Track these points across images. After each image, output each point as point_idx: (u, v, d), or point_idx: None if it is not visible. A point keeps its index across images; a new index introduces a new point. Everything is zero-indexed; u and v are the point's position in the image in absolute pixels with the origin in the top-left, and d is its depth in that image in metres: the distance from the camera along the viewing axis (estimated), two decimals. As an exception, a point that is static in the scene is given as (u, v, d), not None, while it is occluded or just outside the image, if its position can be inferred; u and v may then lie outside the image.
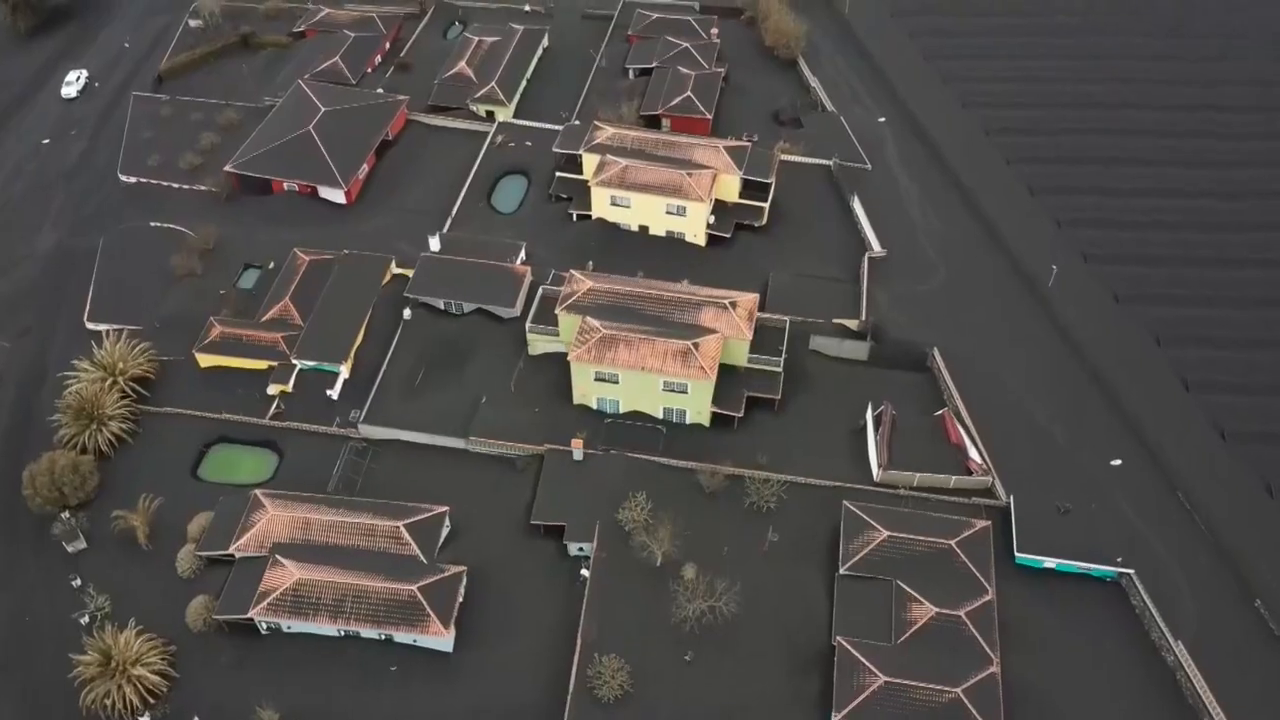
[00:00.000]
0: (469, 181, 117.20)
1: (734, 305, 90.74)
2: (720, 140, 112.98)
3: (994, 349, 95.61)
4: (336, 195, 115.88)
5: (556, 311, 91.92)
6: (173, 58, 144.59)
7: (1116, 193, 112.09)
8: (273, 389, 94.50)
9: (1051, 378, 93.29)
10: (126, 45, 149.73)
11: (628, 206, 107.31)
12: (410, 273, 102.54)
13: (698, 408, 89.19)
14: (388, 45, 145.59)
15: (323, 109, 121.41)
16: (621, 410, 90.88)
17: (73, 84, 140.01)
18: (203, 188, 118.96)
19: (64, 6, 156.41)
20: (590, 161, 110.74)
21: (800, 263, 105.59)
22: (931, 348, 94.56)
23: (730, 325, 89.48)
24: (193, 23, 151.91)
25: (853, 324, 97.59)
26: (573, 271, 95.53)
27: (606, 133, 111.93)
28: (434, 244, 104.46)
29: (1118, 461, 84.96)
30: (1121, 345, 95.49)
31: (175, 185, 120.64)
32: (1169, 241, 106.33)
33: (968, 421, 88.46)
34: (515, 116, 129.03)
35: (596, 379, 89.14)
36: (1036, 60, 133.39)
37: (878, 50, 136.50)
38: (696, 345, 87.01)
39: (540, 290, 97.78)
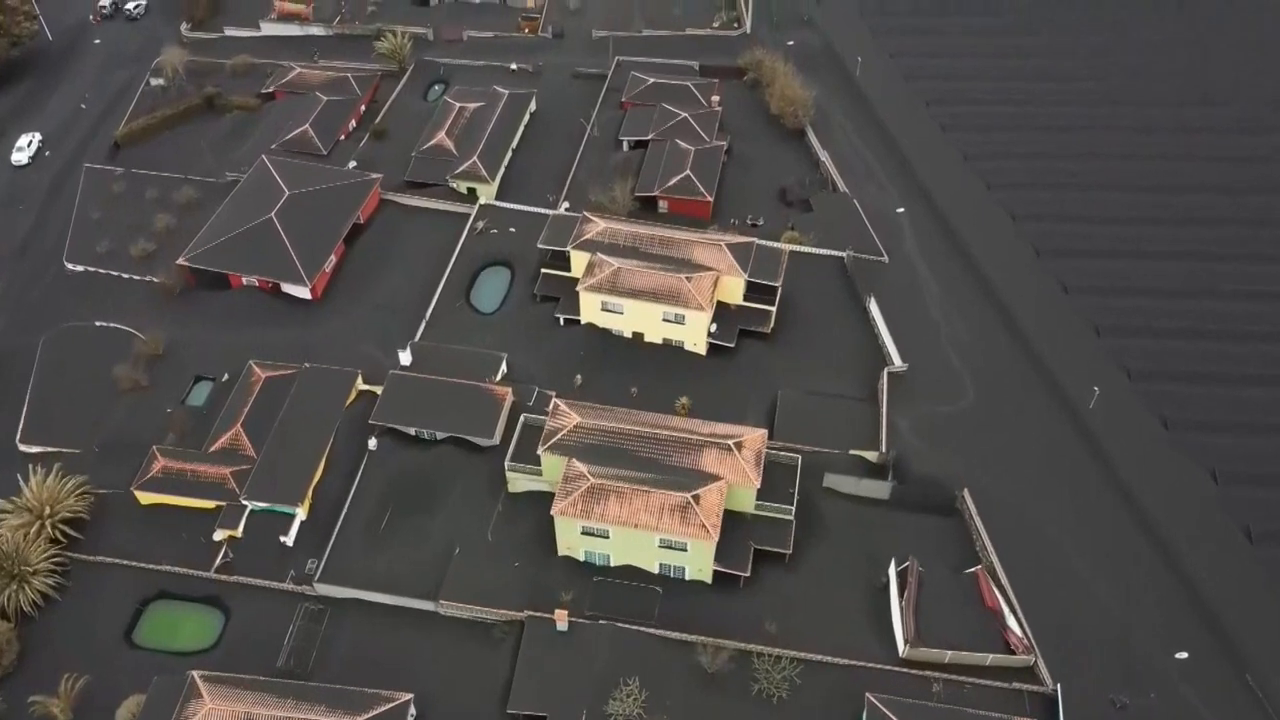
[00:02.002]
0: (447, 274, 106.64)
1: (739, 446, 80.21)
2: (723, 234, 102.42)
3: (1031, 489, 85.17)
4: (301, 291, 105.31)
5: (539, 452, 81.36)
6: (131, 122, 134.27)
7: (1160, 292, 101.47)
8: (220, 534, 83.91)
9: (1097, 526, 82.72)
10: (83, 106, 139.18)
11: (620, 313, 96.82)
12: (378, 390, 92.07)
13: (698, 565, 78.75)
14: (363, 108, 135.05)
15: (287, 192, 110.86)
16: (613, 563, 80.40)
17: (24, 149, 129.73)
18: (155, 279, 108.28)
19: (18, 60, 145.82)
20: (579, 260, 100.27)
21: (812, 377, 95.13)
22: (961, 488, 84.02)
23: (735, 470, 78.98)
24: (154, 81, 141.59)
25: (872, 456, 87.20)
26: (557, 401, 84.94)
27: (597, 227, 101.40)
28: (404, 358, 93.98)
29: (1183, 655, 74.17)
30: (1175, 484, 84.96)
31: (125, 276, 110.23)
32: (1229, 355, 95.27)
33: (1004, 582, 77.91)
34: (499, 195, 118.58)
35: (584, 532, 78.64)
36: (1066, 133, 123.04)
37: (891, 119, 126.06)
38: (697, 498, 76.54)
39: (522, 419, 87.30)
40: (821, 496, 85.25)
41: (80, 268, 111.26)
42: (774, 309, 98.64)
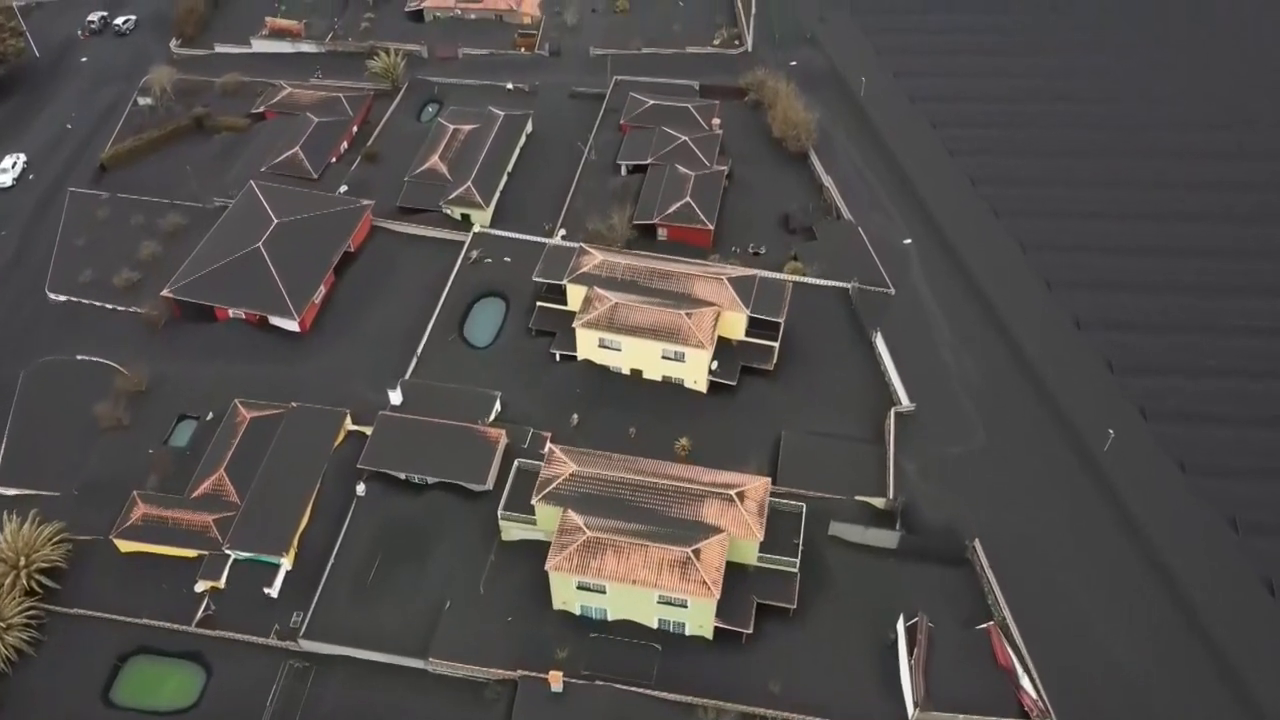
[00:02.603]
0: (439, 306, 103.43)
1: (742, 497, 77.04)
2: (724, 267, 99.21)
3: (1044, 537, 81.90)
4: (289, 324, 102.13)
5: (533, 502, 78.16)
6: (118, 143, 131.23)
7: (1178, 328, 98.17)
8: (202, 585, 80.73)
9: (1114, 578, 79.40)
10: (69, 126, 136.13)
11: (618, 349, 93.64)
12: (368, 430, 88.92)
13: (699, 621, 75.57)
14: (355, 129, 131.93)
15: (275, 220, 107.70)
16: (610, 618, 77.21)
17: (8, 171, 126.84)
18: (139, 310, 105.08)
19: (3, 79, 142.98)
20: (575, 293, 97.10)
21: (816, 416, 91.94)
22: (971, 538, 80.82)
23: (738, 523, 75.78)
24: (142, 100, 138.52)
25: (879, 503, 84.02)
26: (552, 447, 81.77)
27: (594, 259, 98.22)
28: (394, 397, 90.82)
29: (1205, 725, 71.08)
30: (1194, 533, 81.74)
31: (108, 306, 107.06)
32: (1249, 395, 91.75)
33: (1017, 639, 74.73)
34: (494, 221, 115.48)
35: (580, 587, 75.46)
36: (1079, 158, 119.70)
37: (897, 143, 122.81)
38: (697, 553, 73.36)
39: (516, 464, 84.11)
40: (827, 545, 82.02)
41: (63, 297, 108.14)
42: (777, 345, 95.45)
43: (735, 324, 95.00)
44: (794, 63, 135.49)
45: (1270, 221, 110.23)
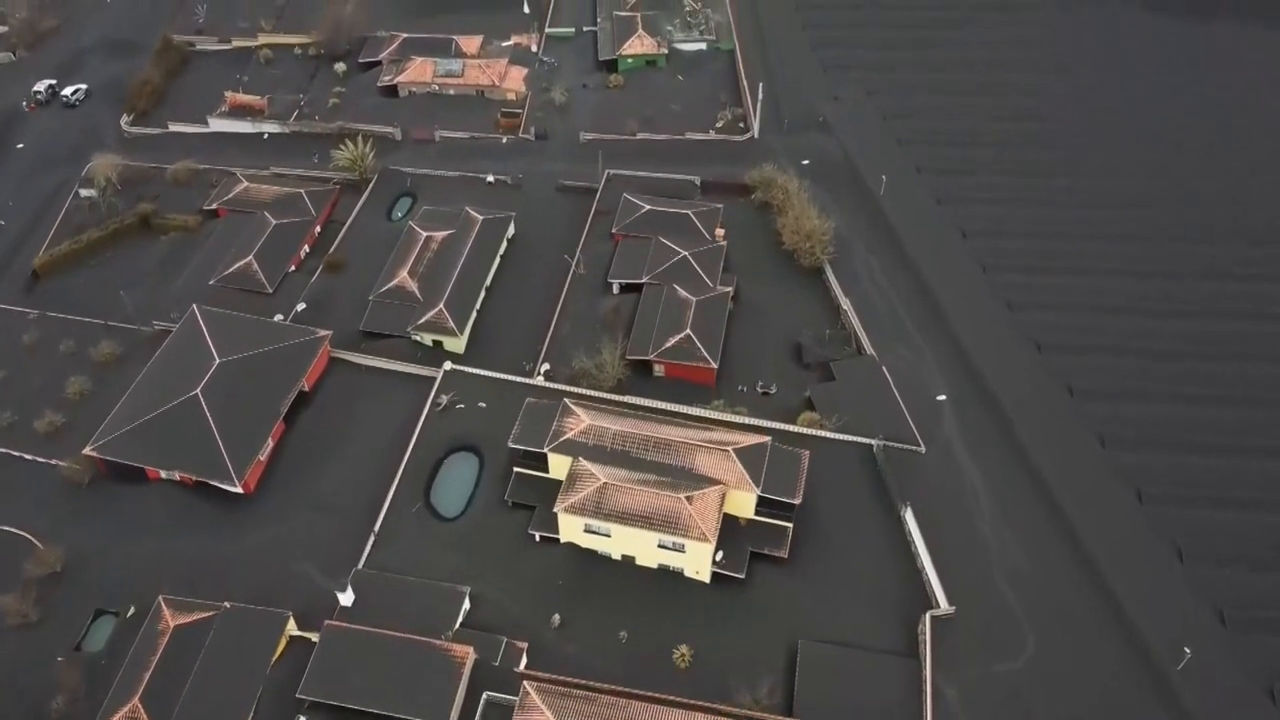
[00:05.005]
0: (403, 465, 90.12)
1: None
2: (732, 435, 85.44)
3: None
4: (231, 485, 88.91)
5: (502, 762, 64.99)
6: (54, 245, 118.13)
7: (1262, 505, 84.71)
8: None
9: None
10: (1, 223, 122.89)
11: (608, 535, 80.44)
12: (313, 636, 75.74)
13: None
14: (318, 229, 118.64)
15: (217, 360, 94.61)
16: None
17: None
18: (61, 464, 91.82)
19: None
20: (557, 463, 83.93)
21: (838, 618, 78.67)
22: (1028, 799, 67.67)
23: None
24: (84, 192, 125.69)
25: (915, 743, 70.88)
26: (526, 686, 68.48)
27: (580, 423, 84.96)
28: (345, 598, 77.68)
29: None
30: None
31: (28, 458, 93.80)
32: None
33: None
34: (469, 348, 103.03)
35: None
36: (1139, 279, 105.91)
37: (923, 255, 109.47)
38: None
39: (484, 698, 71.07)
40: (854, 801, 68.90)
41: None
42: (791, 526, 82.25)
43: (744, 503, 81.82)
44: (806, 161, 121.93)
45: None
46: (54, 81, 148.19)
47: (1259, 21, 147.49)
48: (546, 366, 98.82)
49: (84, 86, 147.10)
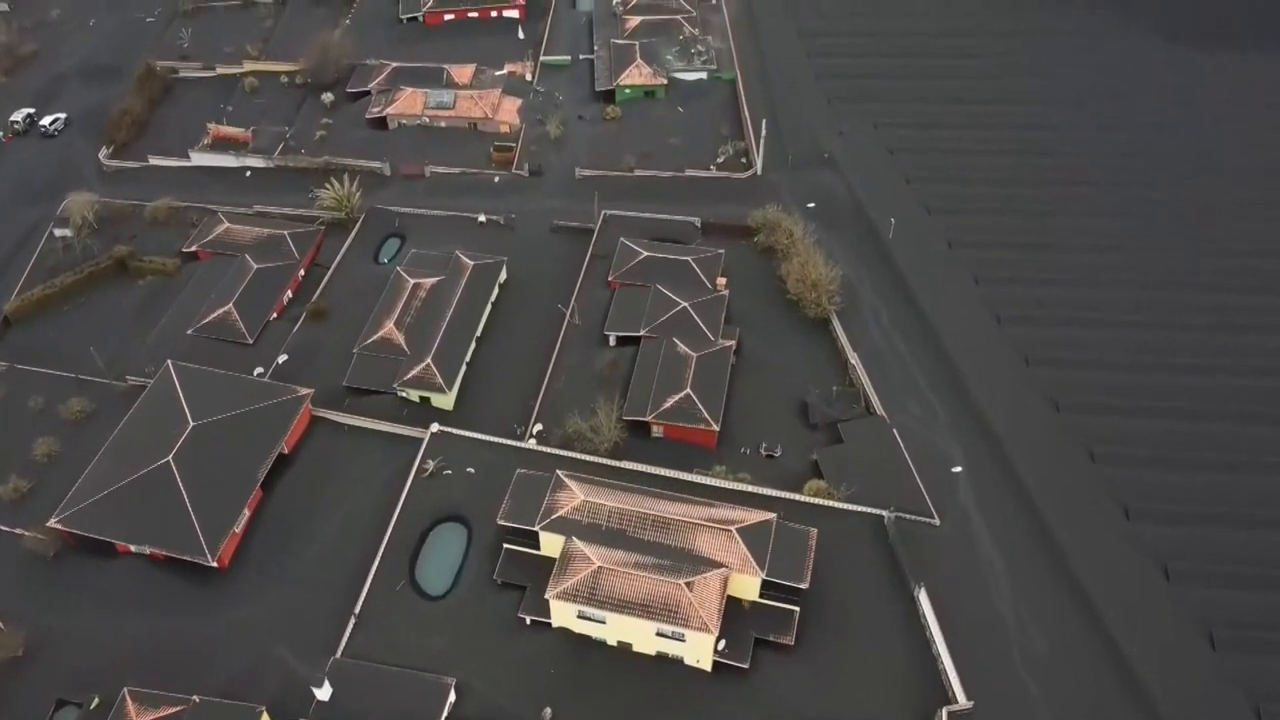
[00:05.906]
0: (387, 538, 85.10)
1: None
2: (735, 513, 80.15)
3: None
4: (203, 559, 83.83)
5: None
6: (25, 291, 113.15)
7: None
8: None
9: None
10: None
11: (602, 622, 75.44)
12: (288, 734, 70.78)
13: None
14: (301, 274, 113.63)
15: (191, 423, 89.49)
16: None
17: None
18: (26, 534, 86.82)
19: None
20: (550, 542, 78.97)
21: (848, 709, 73.66)
22: None
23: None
24: (59, 232, 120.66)
25: None
26: None
27: (573, 499, 79.97)
28: (321, 694, 72.67)
29: None
30: None
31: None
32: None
33: None
34: (458, 405, 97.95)
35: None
36: (1171, 329, 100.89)
37: (934, 304, 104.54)
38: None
39: (469, 812, 65.92)
40: None
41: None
42: (798, 610, 77.24)
43: (748, 586, 76.83)
44: (811, 204, 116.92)
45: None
46: (32, 110, 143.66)
47: (1274, 49, 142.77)
48: (539, 428, 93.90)
49: (63, 115, 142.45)
